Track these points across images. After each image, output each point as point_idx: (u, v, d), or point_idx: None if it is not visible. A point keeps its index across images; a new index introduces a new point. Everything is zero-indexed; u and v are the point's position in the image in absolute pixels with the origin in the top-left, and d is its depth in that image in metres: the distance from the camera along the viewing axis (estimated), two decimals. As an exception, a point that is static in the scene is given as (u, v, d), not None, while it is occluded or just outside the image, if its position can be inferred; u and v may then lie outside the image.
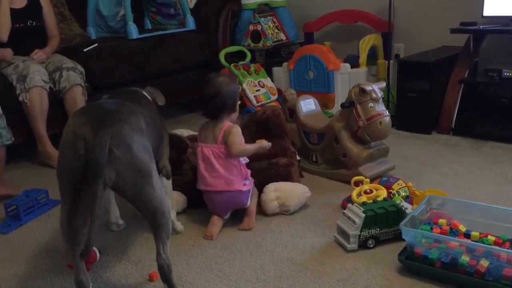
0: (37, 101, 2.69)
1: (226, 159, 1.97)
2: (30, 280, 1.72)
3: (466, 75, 3.03)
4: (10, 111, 2.64)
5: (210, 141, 1.99)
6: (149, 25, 3.85)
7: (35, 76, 2.66)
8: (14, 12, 2.80)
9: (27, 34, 2.88)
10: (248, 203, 2.03)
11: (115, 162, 1.33)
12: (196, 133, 2.64)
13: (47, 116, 2.75)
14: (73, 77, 2.77)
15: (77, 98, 2.79)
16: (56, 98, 2.79)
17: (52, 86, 2.78)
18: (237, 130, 1.99)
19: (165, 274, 1.48)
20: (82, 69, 2.87)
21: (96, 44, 3.19)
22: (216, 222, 1.99)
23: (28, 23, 2.88)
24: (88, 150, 1.30)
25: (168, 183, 1.91)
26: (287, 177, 2.16)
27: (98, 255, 1.80)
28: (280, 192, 2.08)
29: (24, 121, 2.72)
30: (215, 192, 1.98)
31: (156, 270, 1.67)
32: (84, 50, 3.11)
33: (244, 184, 2.00)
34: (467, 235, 1.70)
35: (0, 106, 2.49)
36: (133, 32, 3.37)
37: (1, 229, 2.09)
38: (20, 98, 2.67)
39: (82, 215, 1.39)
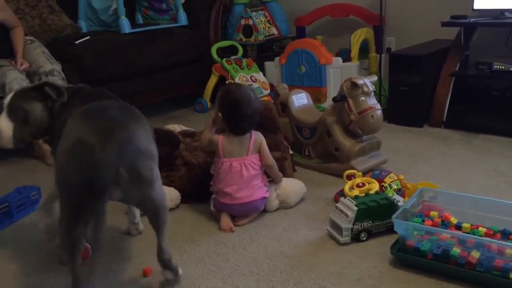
0: None
1: (256, 168, 2.00)
2: (23, 277, 1.72)
3: (457, 68, 3.05)
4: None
5: (238, 154, 1.99)
6: (140, 20, 3.82)
7: (13, 85, 2.56)
8: None
9: None
10: (262, 208, 2.06)
11: (122, 182, 1.32)
12: (188, 128, 2.66)
13: None
14: (52, 82, 2.69)
15: None
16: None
17: None
18: (264, 139, 2.04)
19: (168, 264, 1.56)
20: (59, 69, 2.75)
21: (88, 37, 3.17)
22: (227, 215, 2.00)
23: None
24: (94, 165, 1.27)
25: None
26: (280, 171, 2.16)
27: (90, 251, 1.80)
28: (279, 189, 2.10)
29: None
30: (240, 204, 1.98)
31: (149, 266, 1.69)
32: (76, 42, 3.09)
33: (267, 190, 2.04)
34: (458, 227, 1.71)
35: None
36: (125, 26, 3.36)
37: (-6, 226, 2.09)
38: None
39: (82, 226, 1.37)
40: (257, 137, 2.03)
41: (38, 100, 1.61)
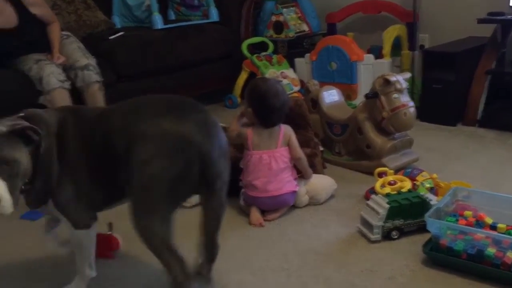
0: (58, 102, 2.63)
1: (286, 161, 2.01)
2: (59, 266, 1.76)
3: (493, 66, 2.97)
4: (35, 104, 2.68)
5: (267, 147, 2.00)
6: (172, 16, 3.86)
7: (50, 79, 2.61)
8: (6, 33, 2.65)
9: (27, 47, 2.74)
10: (292, 202, 2.06)
11: (223, 170, 1.36)
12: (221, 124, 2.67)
13: None
14: (88, 76, 2.72)
15: (95, 95, 2.77)
16: (78, 92, 2.77)
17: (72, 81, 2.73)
18: (293, 132, 2.04)
19: (214, 261, 1.52)
20: (94, 63, 2.78)
21: (122, 33, 3.22)
22: (257, 210, 2.01)
23: (24, 39, 2.72)
24: (204, 156, 1.28)
25: None
26: (310, 167, 2.15)
27: (120, 242, 1.83)
28: (309, 186, 2.10)
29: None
30: (269, 197, 1.99)
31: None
32: (110, 38, 3.14)
33: (296, 185, 2.04)
34: (493, 227, 1.68)
35: (26, 99, 2.49)
36: (158, 22, 3.39)
37: (29, 216, 2.14)
38: (40, 101, 2.65)
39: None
40: (286, 130, 2.04)
41: (23, 144, 1.29)
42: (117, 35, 3.18)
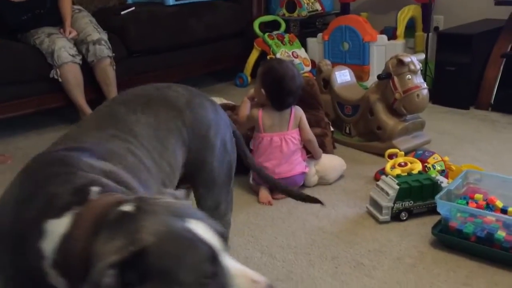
0: (69, 76, 2.67)
1: (296, 143, 2.00)
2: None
3: (508, 49, 2.92)
4: (46, 78, 2.68)
5: (278, 128, 2.00)
6: (184, -8, 3.83)
7: (62, 53, 2.62)
8: (17, 6, 2.68)
9: (39, 20, 2.75)
10: (301, 183, 2.06)
11: None
12: (229, 102, 2.66)
13: (84, 84, 2.74)
14: (100, 51, 2.73)
15: (106, 69, 2.78)
16: (89, 67, 2.79)
17: (83, 55, 2.75)
18: (304, 114, 2.03)
19: None
20: (106, 38, 2.79)
21: (133, 8, 3.20)
22: (266, 188, 2.01)
23: (36, 12, 2.74)
24: (239, 135, 1.43)
25: None
26: (320, 147, 2.15)
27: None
28: (319, 165, 2.09)
29: (61, 87, 2.73)
30: (280, 179, 1.97)
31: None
32: (122, 13, 3.12)
33: (306, 166, 2.04)
34: (504, 211, 1.67)
35: (37, 73, 2.48)
36: (170, -2, 3.37)
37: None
38: (51, 75, 2.66)
39: None
40: (297, 111, 2.02)
41: None
42: (128, 10, 3.16)
